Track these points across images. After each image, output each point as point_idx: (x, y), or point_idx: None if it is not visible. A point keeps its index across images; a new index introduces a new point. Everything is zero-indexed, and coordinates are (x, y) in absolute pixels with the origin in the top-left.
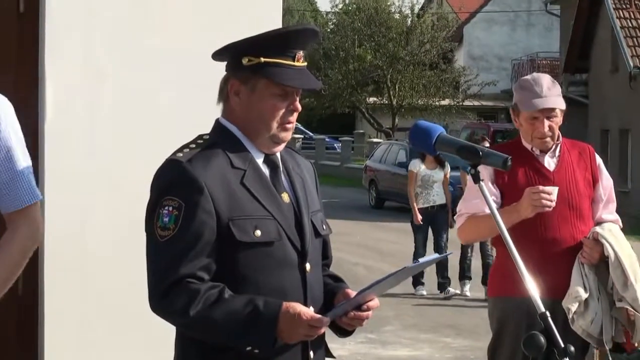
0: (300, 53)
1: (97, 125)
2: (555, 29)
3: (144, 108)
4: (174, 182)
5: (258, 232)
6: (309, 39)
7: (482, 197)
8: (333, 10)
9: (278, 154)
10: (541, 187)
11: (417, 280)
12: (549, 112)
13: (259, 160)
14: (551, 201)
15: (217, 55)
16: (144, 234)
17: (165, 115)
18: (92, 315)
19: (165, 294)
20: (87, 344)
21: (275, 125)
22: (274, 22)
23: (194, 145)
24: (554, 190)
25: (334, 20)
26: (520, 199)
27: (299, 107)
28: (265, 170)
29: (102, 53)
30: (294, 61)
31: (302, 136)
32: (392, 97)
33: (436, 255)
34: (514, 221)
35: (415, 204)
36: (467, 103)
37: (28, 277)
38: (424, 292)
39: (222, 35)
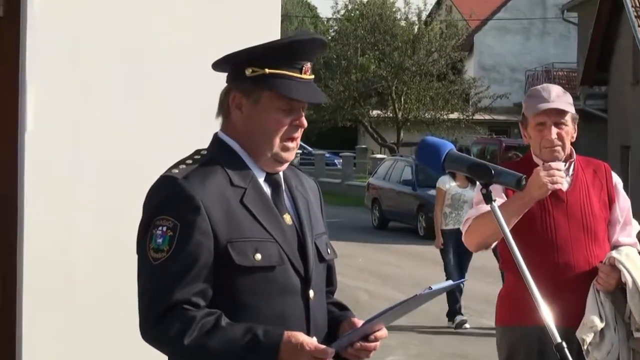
0: (308, 65)
1: (83, 139)
2: (573, 38)
3: (133, 121)
4: (168, 200)
5: (258, 256)
6: (317, 49)
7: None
8: (334, 17)
9: (281, 174)
10: (552, 163)
11: (454, 311)
12: (557, 118)
13: (260, 179)
14: (562, 177)
15: (218, 66)
16: (129, 251)
17: (156, 129)
18: (73, 332)
19: (158, 321)
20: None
21: (277, 141)
22: (271, 28)
23: (190, 161)
24: (561, 166)
25: (336, 27)
26: (529, 216)
27: (305, 122)
28: (267, 189)
29: (88, 64)
30: (300, 73)
31: (300, 151)
32: (397, 110)
33: (450, 283)
34: (526, 206)
35: (439, 226)
36: (477, 117)
37: (7, 294)
38: (467, 326)
39: (216, 44)
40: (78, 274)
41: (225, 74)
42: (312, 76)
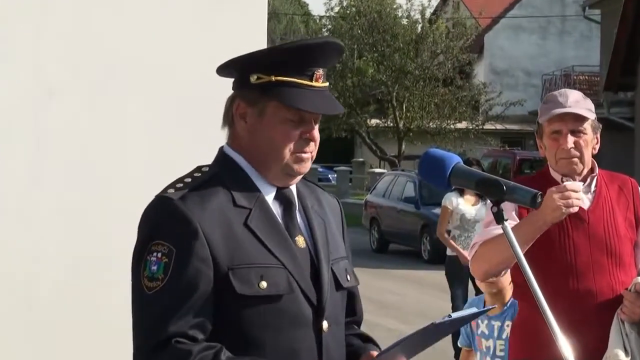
0: (320, 72)
1: (45, 150)
2: (595, 38)
3: (101, 131)
4: (163, 224)
5: (264, 284)
6: (332, 55)
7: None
8: (328, 15)
9: (294, 188)
10: (567, 184)
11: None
12: (574, 124)
13: (269, 197)
14: (579, 199)
15: (223, 70)
16: (99, 270)
17: (127, 140)
18: (32, 349)
19: (152, 356)
20: None
21: (287, 154)
22: (257, 27)
23: (189, 179)
24: (579, 187)
25: (329, 27)
26: (545, 238)
27: (317, 135)
28: (277, 208)
29: (52, 66)
30: (311, 81)
31: None
32: (398, 119)
33: (474, 310)
34: (538, 231)
35: (452, 245)
36: (488, 126)
37: None
38: None
39: (197, 44)
40: (42, 287)
41: (223, 81)
42: (326, 84)
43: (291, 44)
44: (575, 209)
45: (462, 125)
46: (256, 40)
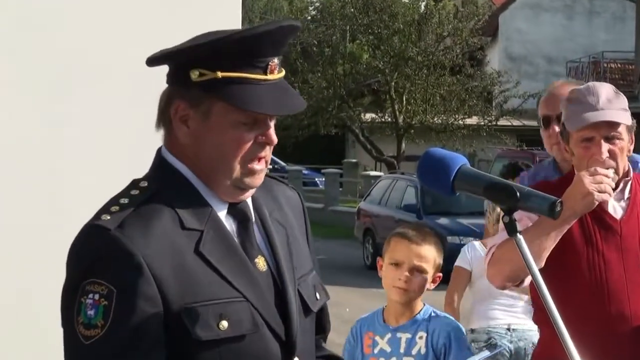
0: (275, 61)
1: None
2: (629, 20)
3: (55, 124)
4: (98, 259)
5: (224, 324)
6: (286, 39)
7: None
8: None
9: (249, 199)
10: (598, 168)
11: None
12: (608, 131)
13: (221, 212)
14: (612, 185)
15: (154, 63)
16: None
17: (82, 133)
18: None
19: None
20: None
21: (238, 165)
22: (231, 6)
23: (125, 200)
24: (610, 171)
25: (317, 4)
26: (571, 252)
27: (274, 138)
28: (231, 225)
29: (5, 63)
30: (265, 73)
31: (270, 167)
32: (397, 113)
33: (486, 354)
34: (565, 224)
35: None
36: (503, 122)
37: None
38: None
39: (161, 31)
40: None
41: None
42: (282, 74)
43: (237, 32)
44: (608, 197)
45: (473, 120)
46: (231, 19)
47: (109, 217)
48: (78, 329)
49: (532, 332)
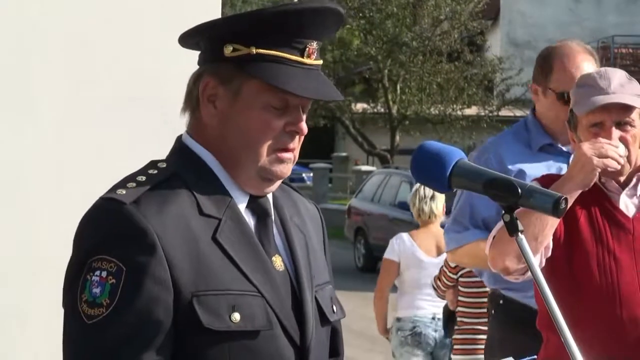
0: (314, 45)
1: None
2: None
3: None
4: (110, 235)
5: (236, 316)
6: (330, 25)
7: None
8: None
9: (270, 195)
10: (601, 138)
11: None
12: (620, 115)
13: (241, 205)
14: (620, 157)
15: (186, 40)
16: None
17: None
18: None
19: None
20: None
21: (265, 152)
22: None
23: (143, 178)
24: (616, 142)
25: None
26: (580, 252)
27: (305, 128)
28: (250, 220)
29: None
30: (302, 56)
31: None
32: (390, 103)
33: None
34: (567, 193)
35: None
36: (504, 113)
37: None
38: None
39: (134, 15)
40: None
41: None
42: (320, 61)
43: (279, 7)
44: (615, 165)
45: (472, 111)
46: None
47: (124, 192)
48: (81, 307)
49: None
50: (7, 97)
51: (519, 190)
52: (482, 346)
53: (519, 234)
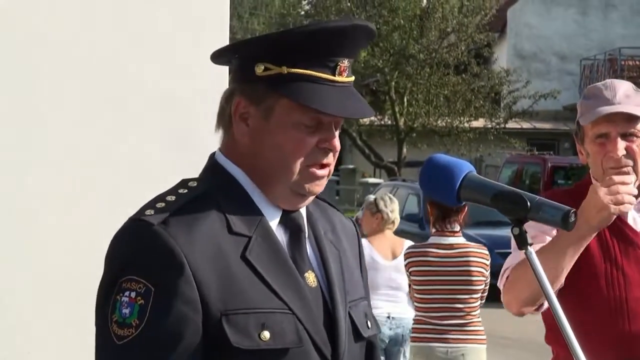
0: (345, 63)
1: None
2: None
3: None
4: (139, 256)
5: (266, 334)
6: (361, 42)
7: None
8: None
9: (303, 210)
10: (615, 176)
11: None
12: (625, 127)
13: (273, 222)
14: (630, 194)
15: (219, 58)
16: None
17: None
18: None
19: None
20: None
21: (298, 168)
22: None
23: (172, 198)
24: (630, 178)
25: None
26: (588, 267)
27: (338, 144)
28: (282, 236)
29: None
30: (334, 74)
31: None
32: (397, 116)
33: None
34: (582, 240)
35: None
36: (512, 125)
37: None
38: None
39: (144, 27)
40: None
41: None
42: (351, 78)
43: (311, 26)
44: (629, 207)
45: (479, 123)
46: (218, 13)
47: (152, 213)
48: (111, 327)
49: (408, 319)
50: (13, 101)
51: (528, 203)
52: (437, 335)
53: (528, 247)
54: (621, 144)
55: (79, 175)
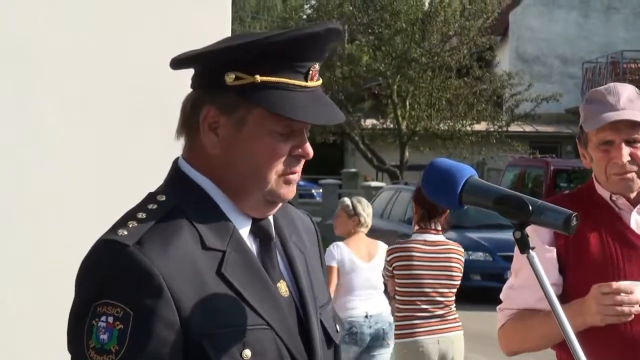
0: (316, 67)
1: None
2: None
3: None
4: (114, 278)
5: (247, 353)
6: (330, 43)
7: (533, 282)
8: None
9: (270, 217)
10: (616, 285)
11: None
12: (629, 133)
13: (244, 230)
14: (632, 307)
15: (180, 65)
16: None
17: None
18: None
19: None
20: None
21: (274, 176)
22: (220, 5)
23: (143, 215)
24: (636, 289)
25: (312, 2)
26: (592, 274)
27: (311, 151)
28: (252, 245)
29: None
30: (305, 80)
31: None
32: (400, 119)
33: None
34: (577, 328)
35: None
36: (514, 128)
37: None
38: None
39: (146, 32)
40: None
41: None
42: (320, 82)
43: (281, 34)
44: (629, 318)
45: (482, 126)
46: (220, 17)
47: (126, 233)
48: (89, 354)
49: (386, 313)
50: (11, 99)
51: (530, 207)
52: (424, 329)
53: (530, 251)
54: (625, 150)
55: (82, 176)
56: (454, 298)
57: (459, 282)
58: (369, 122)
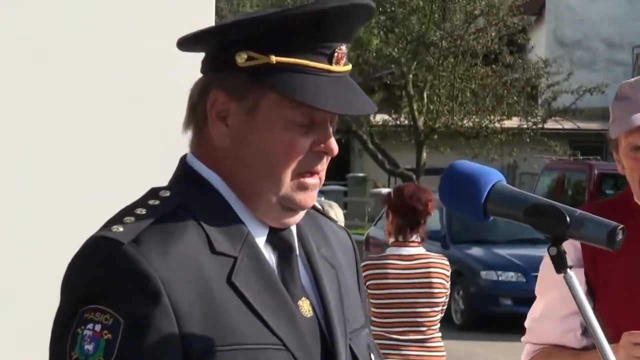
0: (343, 49)
1: None
2: None
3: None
4: (105, 280)
5: None
6: (359, 23)
7: (562, 311)
8: None
9: (293, 226)
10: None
11: None
12: None
13: (260, 239)
14: None
15: (187, 45)
16: None
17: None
18: None
19: None
20: None
21: (288, 177)
22: None
23: (142, 210)
24: None
25: None
26: (612, 272)
27: (335, 147)
28: (271, 256)
29: None
30: (330, 63)
31: None
32: (416, 114)
33: None
34: None
35: None
36: (551, 125)
37: None
38: None
39: (128, 26)
40: None
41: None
42: (348, 67)
43: (304, 7)
44: None
45: (513, 123)
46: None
47: (121, 229)
48: None
49: None
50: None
51: (568, 219)
52: (396, 351)
53: (568, 270)
54: None
55: (82, 175)
56: (438, 318)
57: (443, 300)
58: (380, 118)
